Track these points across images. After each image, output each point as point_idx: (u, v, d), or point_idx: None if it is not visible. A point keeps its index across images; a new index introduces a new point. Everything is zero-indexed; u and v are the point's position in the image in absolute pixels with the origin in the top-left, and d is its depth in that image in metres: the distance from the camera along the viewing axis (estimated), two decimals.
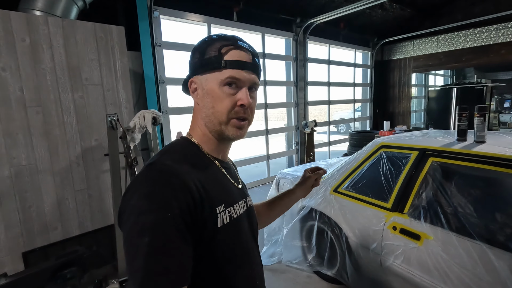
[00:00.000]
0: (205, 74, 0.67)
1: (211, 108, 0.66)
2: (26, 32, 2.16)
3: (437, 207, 1.58)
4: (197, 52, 0.68)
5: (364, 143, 5.45)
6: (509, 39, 5.48)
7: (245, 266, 0.70)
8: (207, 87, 0.66)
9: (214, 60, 0.65)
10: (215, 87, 0.65)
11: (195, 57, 0.68)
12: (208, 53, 0.66)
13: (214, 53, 0.65)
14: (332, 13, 4.81)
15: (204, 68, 0.66)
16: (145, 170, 0.60)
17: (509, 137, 1.73)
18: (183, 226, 0.55)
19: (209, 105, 0.67)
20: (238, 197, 0.73)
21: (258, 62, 0.70)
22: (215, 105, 0.66)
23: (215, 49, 0.65)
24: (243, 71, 0.66)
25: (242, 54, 0.66)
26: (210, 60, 0.65)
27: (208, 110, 0.67)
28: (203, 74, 0.67)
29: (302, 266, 2.47)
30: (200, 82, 0.68)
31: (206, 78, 0.66)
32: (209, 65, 0.66)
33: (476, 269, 1.33)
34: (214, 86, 0.65)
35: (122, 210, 0.58)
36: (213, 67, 0.65)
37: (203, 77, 0.67)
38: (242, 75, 0.65)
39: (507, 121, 8.90)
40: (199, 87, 0.69)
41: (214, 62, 0.65)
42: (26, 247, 2.27)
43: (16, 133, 2.17)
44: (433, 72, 9.25)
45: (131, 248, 0.53)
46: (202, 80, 0.67)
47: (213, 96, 0.66)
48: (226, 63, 0.64)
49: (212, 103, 0.66)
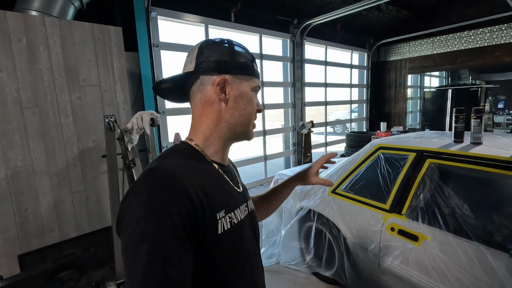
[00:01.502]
0: (239, 76, 0.69)
1: (243, 110, 0.70)
2: (22, 32, 2.14)
3: (434, 208, 1.59)
4: (225, 51, 0.68)
5: (360, 143, 5.50)
6: (503, 41, 5.56)
7: (247, 271, 0.69)
8: (242, 89, 0.70)
9: (250, 66, 0.71)
10: (248, 91, 0.71)
11: (225, 56, 0.68)
12: (241, 58, 0.70)
13: (247, 61, 0.71)
14: (329, 15, 4.83)
15: (239, 70, 0.69)
16: (144, 175, 0.59)
17: (505, 139, 1.76)
18: (183, 233, 0.53)
19: (242, 107, 0.70)
20: (240, 202, 0.72)
21: None
22: (247, 107, 0.71)
23: (248, 57, 0.71)
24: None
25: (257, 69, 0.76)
26: (247, 65, 0.70)
27: (239, 112, 0.70)
28: (237, 76, 0.69)
29: (300, 267, 2.48)
30: (233, 82, 0.69)
31: (241, 81, 0.70)
32: (245, 70, 0.70)
33: (473, 269, 1.35)
34: (248, 90, 0.71)
35: (120, 217, 0.57)
36: (248, 73, 0.71)
37: (236, 78, 0.69)
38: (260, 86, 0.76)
39: (501, 122, 9.02)
40: (229, 87, 0.68)
41: (250, 69, 0.71)
42: (22, 250, 2.25)
43: (12, 134, 2.15)
44: (429, 74, 9.34)
45: (129, 256, 0.51)
46: (236, 81, 0.69)
47: (247, 99, 0.71)
48: (257, 74, 0.73)
49: (245, 104, 0.70)
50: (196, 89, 0.70)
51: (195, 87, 0.70)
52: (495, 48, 5.69)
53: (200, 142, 0.70)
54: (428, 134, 2.19)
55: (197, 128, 0.71)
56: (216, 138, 0.70)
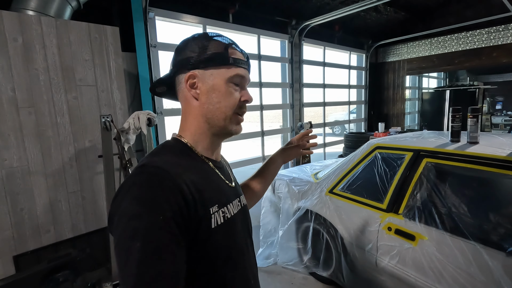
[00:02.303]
0: (209, 69, 0.66)
1: (217, 103, 0.67)
2: (18, 32, 2.13)
3: (431, 208, 1.59)
4: (195, 46, 0.67)
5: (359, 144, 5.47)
6: (501, 42, 5.58)
7: (240, 266, 0.69)
8: (213, 82, 0.66)
9: (221, 56, 0.66)
10: (221, 82, 0.66)
11: (193, 51, 0.67)
12: (213, 48, 0.66)
13: (220, 50, 0.66)
14: (327, 16, 4.84)
15: (207, 62, 0.66)
16: (135, 172, 0.59)
17: (501, 138, 1.76)
18: (175, 229, 0.53)
19: (215, 100, 0.67)
20: (232, 197, 0.72)
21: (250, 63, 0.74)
22: (221, 100, 0.67)
23: (221, 46, 0.67)
24: (245, 70, 0.70)
25: (241, 55, 0.70)
26: (217, 55, 0.66)
27: (213, 106, 0.67)
28: (207, 69, 0.66)
29: (298, 267, 2.47)
30: (202, 76, 0.67)
31: (211, 73, 0.66)
32: (216, 61, 0.66)
33: (470, 268, 1.34)
34: (220, 82, 0.66)
35: (112, 214, 0.56)
36: (220, 62, 0.66)
37: (207, 72, 0.66)
38: (245, 74, 0.70)
39: (498, 123, 9.05)
40: (200, 82, 0.67)
41: (222, 58, 0.66)
42: (18, 251, 2.23)
43: (7, 134, 2.13)
44: (427, 75, 9.37)
45: (122, 253, 0.51)
46: (206, 75, 0.66)
47: (220, 91, 0.67)
48: (234, 61, 0.67)
49: (219, 98, 0.67)
50: (178, 89, 0.71)
51: (177, 88, 0.71)
52: (492, 49, 5.71)
53: (189, 139, 0.70)
54: (425, 134, 2.19)
55: (184, 125, 0.72)
56: (202, 135, 0.70)
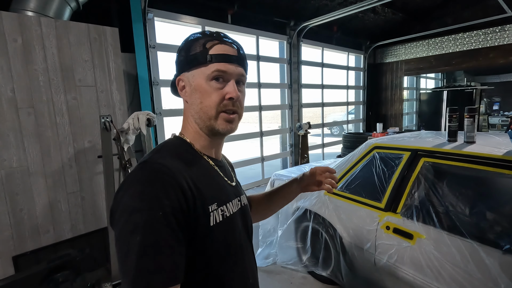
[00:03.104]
0: (191, 70, 0.67)
1: (200, 104, 0.66)
2: (18, 33, 2.13)
3: (429, 207, 1.60)
4: (183, 50, 0.68)
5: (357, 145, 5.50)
6: (497, 43, 5.63)
7: (239, 264, 0.70)
8: (195, 83, 0.66)
9: (199, 55, 0.65)
10: (202, 82, 0.65)
11: (181, 55, 0.69)
12: (194, 49, 0.66)
13: (199, 49, 0.65)
14: (325, 17, 4.87)
15: (190, 64, 0.67)
16: (137, 168, 0.60)
17: (497, 138, 1.78)
18: (175, 224, 0.55)
19: (198, 101, 0.67)
20: (232, 196, 0.73)
21: (244, 55, 0.70)
22: (203, 100, 0.66)
23: (200, 44, 0.66)
24: (229, 64, 0.66)
25: (227, 48, 0.66)
26: (196, 55, 0.65)
27: (197, 106, 0.67)
28: (190, 71, 0.67)
29: (297, 267, 2.48)
30: (187, 79, 0.68)
31: (193, 74, 0.67)
32: (195, 61, 0.66)
33: (467, 266, 1.36)
34: (201, 81, 0.66)
35: (114, 209, 0.58)
36: (199, 62, 0.65)
37: (190, 74, 0.67)
38: (228, 68, 0.65)
39: (496, 123, 9.11)
40: (186, 85, 0.69)
41: (200, 57, 0.65)
42: (17, 251, 2.23)
43: (7, 134, 2.13)
44: (424, 75, 9.42)
45: (123, 247, 0.52)
46: (189, 76, 0.67)
47: (201, 91, 0.66)
48: (212, 57, 0.64)
49: (200, 98, 0.66)
50: None
51: None
52: (489, 50, 5.76)
53: (189, 137, 0.72)
54: (423, 133, 2.21)
55: (184, 125, 0.74)
56: (196, 134, 0.71)
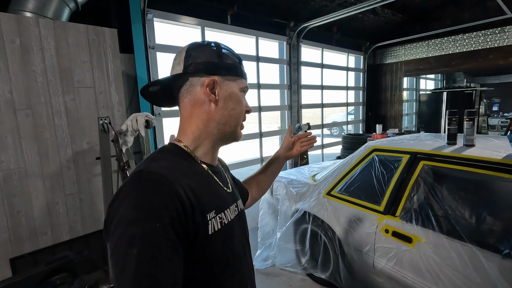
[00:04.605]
0: (228, 77, 0.70)
1: (233, 110, 0.71)
2: (16, 34, 2.13)
3: (428, 210, 1.60)
4: (213, 53, 0.69)
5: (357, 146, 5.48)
6: (497, 44, 5.62)
7: (237, 271, 0.69)
8: (231, 90, 0.71)
9: (237, 68, 0.72)
10: (237, 91, 0.72)
11: (213, 57, 0.69)
12: (229, 59, 0.71)
13: (235, 61, 0.72)
14: (325, 18, 4.86)
15: (227, 71, 0.70)
16: (132, 178, 0.58)
17: (497, 141, 1.77)
18: (173, 235, 0.53)
19: (231, 107, 0.71)
20: (229, 202, 0.72)
21: None
22: (236, 108, 0.71)
23: (236, 58, 0.73)
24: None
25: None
26: (234, 66, 0.71)
27: (229, 112, 0.70)
28: (226, 77, 0.70)
29: (296, 269, 2.47)
30: (221, 83, 0.69)
31: (229, 82, 0.71)
32: (234, 71, 0.71)
33: (466, 271, 1.35)
34: (237, 91, 0.72)
35: (108, 220, 0.56)
36: (236, 73, 0.72)
37: (225, 79, 0.70)
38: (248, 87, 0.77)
39: (495, 125, 9.11)
40: (218, 88, 0.69)
41: (238, 70, 0.72)
42: (14, 253, 2.22)
43: (5, 136, 2.13)
44: (424, 76, 9.42)
45: (119, 260, 0.50)
46: (224, 82, 0.70)
47: (237, 100, 0.72)
48: (243, 74, 0.74)
49: (235, 105, 0.71)
50: (185, 91, 0.70)
51: (183, 89, 0.70)
52: (489, 51, 5.75)
53: (189, 143, 0.70)
54: (422, 136, 2.20)
55: (186, 129, 0.71)
56: (206, 139, 0.70)
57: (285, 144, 1.12)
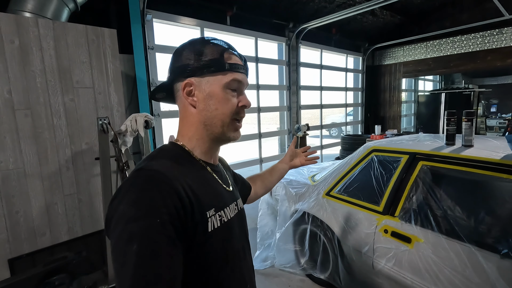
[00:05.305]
0: (206, 76, 0.66)
1: (215, 110, 0.67)
2: (15, 34, 2.12)
3: (427, 210, 1.60)
4: (191, 53, 0.67)
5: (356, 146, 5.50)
6: (495, 46, 5.65)
7: (237, 270, 0.69)
8: (210, 89, 0.66)
9: (216, 62, 0.66)
10: (218, 89, 0.67)
11: (189, 59, 0.67)
12: (209, 55, 0.66)
13: (216, 56, 0.66)
14: (324, 19, 4.88)
15: (204, 69, 0.66)
16: (132, 176, 0.59)
17: (495, 141, 1.78)
18: (172, 232, 0.54)
19: (212, 107, 0.67)
20: (229, 200, 0.72)
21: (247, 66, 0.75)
22: (219, 107, 0.67)
23: (216, 52, 0.66)
24: (243, 74, 0.70)
25: (237, 59, 0.70)
26: (213, 62, 0.66)
27: (211, 113, 0.67)
28: (204, 76, 0.66)
29: (295, 269, 2.47)
30: (198, 84, 0.67)
31: (208, 80, 0.66)
32: (212, 67, 0.66)
33: (465, 271, 1.35)
34: (217, 89, 0.67)
35: (109, 217, 0.57)
36: (217, 69, 0.66)
37: (203, 79, 0.66)
38: (243, 78, 0.70)
39: (493, 126, 9.15)
40: (196, 90, 0.67)
41: (217, 65, 0.66)
42: (13, 254, 2.21)
43: (3, 136, 2.12)
44: (423, 78, 9.45)
45: (119, 256, 0.51)
46: (202, 82, 0.67)
47: (217, 99, 0.67)
48: (230, 66, 0.67)
49: (216, 105, 0.67)
50: (176, 96, 0.72)
51: (175, 94, 0.72)
52: (487, 53, 5.78)
53: (186, 143, 0.71)
54: (421, 136, 2.21)
55: (182, 131, 0.72)
56: (200, 140, 0.70)
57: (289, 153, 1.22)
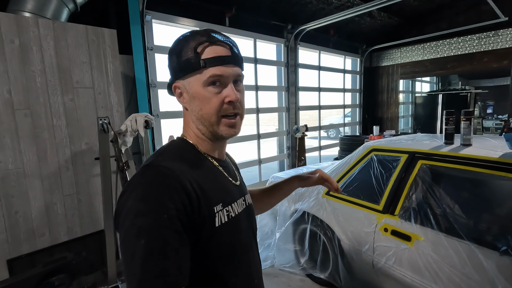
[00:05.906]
0: (186, 77, 0.65)
1: (200, 111, 0.66)
2: (15, 34, 2.12)
3: (426, 209, 1.62)
4: (174, 55, 0.66)
5: (354, 147, 5.52)
6: (491, 47, 5.70)
7: (244, 265, 0.70)
8: (192, 90, 0.65)
9: (192, 61, 0.63)
10: (199, 89, 0.64)
11: (173, 61, 0.66)
12: (185, 54, 0.64)
13: (191, 54, 0.63)
14: (322, 20, 4.90)
15: (183, 71, 0.65)
16: (141, 171, 0.60)
17: (493, 140, 1.80)
18: (180, 227, 0.54)
19: (197, 108, 0.66)
20: (237, 196, 0.73)
21: (238, 52, 0.67)
22: (202, 107, 0.65)
23: (191, 49, 0.63)
24: (224, 66, 0.63)
25: (219, 49, 0.64)
26: (188, 62, 0.63)
27: (197, 113, 0.66)
28: (185, 78, 0.65)
29: (295, 269, 2.47)
30: (183, 86, 0.67)
31: (189, 82, 0.65)
32: (188, 68, 0.64)
33: (465, 268, 1.37)
34: (198, 88, 0.64)
35: (118, 212, 0.58)
36: (193, 69, 0.63)
37: (185, 81, 0.66)
38: (224, 71, 0.63)
39: (490, 127, 9.22)
40: (183, 92, 0.67)
41: (192, 64, 0.63)
42: (12, 254, 2.20)
43: (3, 136, 2.11)
44: (420, 79, 9.51)
45: (128, 250, 0.52)
46: (185, 84, 0.66)
47: (200, 99, 0.65)
48: (205, 62, 0.62)
49: (200, 105, 0.65)
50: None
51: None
52: (483, 55, 5.84)
53: (192, 139, 0.72)
54: (420, 136, 2.23)
55: (185, 129, 0.74)
56: (200, 138, 0.71)
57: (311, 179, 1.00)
